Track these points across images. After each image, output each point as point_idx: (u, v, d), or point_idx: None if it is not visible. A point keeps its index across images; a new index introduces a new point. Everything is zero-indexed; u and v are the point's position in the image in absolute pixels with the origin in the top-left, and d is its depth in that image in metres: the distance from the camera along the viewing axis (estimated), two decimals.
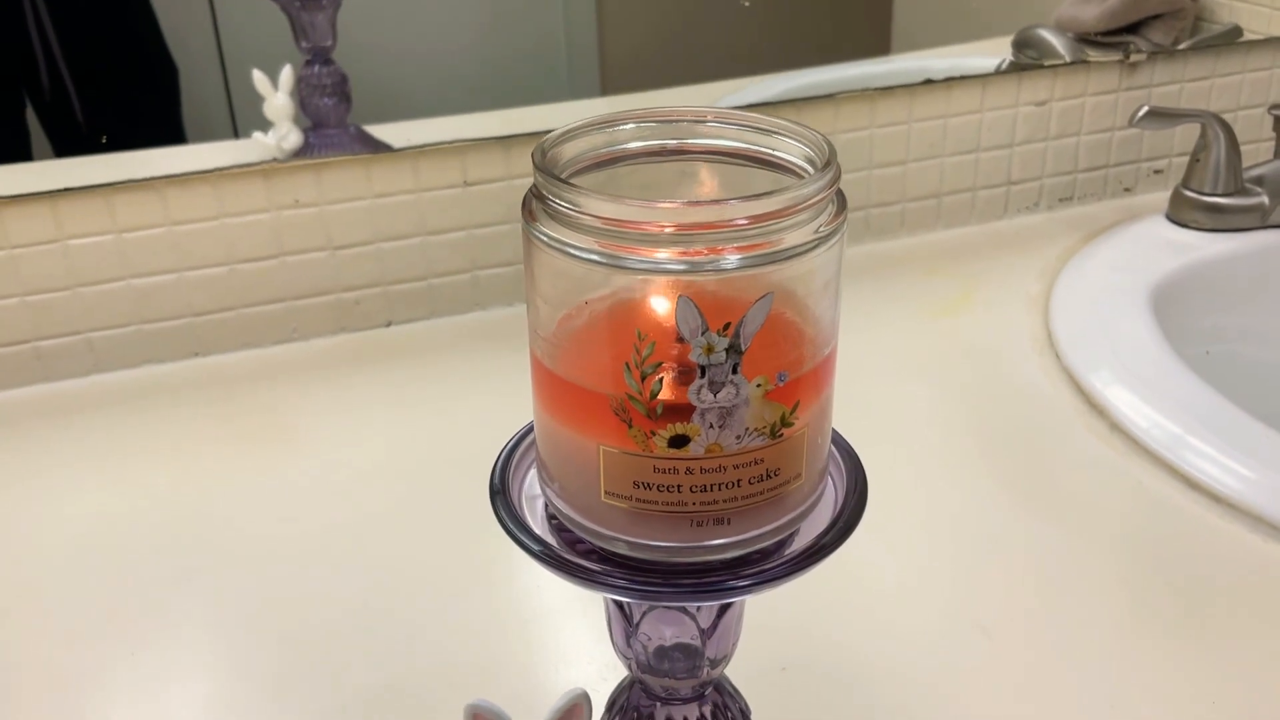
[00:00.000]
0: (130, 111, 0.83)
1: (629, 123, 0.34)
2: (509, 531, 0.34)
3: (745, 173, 0.34)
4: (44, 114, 0.79)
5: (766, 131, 0.33)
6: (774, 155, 0.33)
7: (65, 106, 0.79)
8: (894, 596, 0.58)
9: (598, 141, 0.33)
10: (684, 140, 0.34)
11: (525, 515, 0.35)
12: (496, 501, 0.35)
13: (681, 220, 0.29)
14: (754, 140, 0.33)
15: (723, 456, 0.31)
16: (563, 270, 0.31)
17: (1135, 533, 0.62)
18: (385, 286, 0.81)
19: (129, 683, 0.53)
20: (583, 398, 0.32)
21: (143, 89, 0.83)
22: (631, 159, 0.34)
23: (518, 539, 0.33)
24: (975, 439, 0.70)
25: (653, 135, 0.34)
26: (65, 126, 0.80)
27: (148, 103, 0.84)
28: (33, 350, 0.76)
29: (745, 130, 0.34)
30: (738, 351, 0.30)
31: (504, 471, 0.36)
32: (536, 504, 0.36)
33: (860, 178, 0.90)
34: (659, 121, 0.34)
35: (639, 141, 0.34)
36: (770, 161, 0.33)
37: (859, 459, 0.36)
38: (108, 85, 0.81)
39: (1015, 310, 0.84)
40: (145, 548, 0.62)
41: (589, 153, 0.33)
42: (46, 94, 0.78)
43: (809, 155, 0.32)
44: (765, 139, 0.33)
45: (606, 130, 0.33)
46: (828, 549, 0.34)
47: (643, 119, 0.34)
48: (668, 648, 0.37)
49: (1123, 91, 0.96)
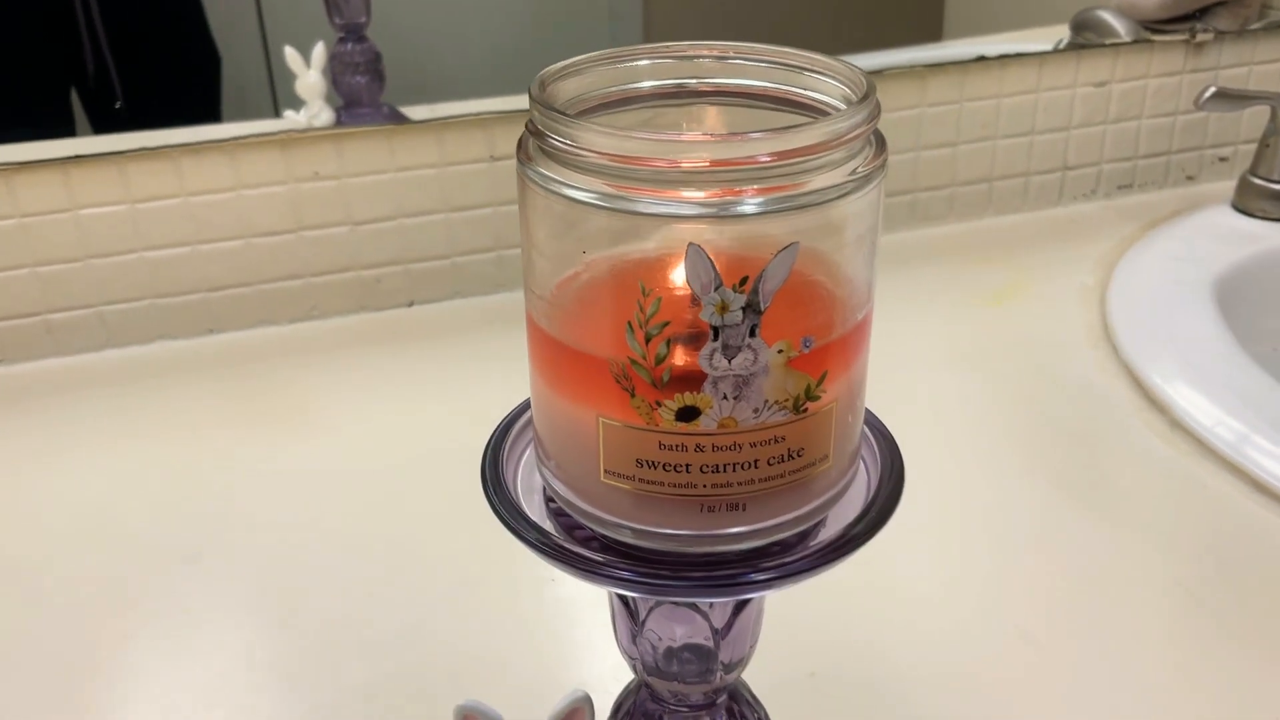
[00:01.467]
0: (171, 98, 0.83)
1: (642, 58, 0.30)
2: (498, 513, 0.30)
3: (774, 117, 0.30)
4: (87, 98, 0.79)
5: (796, 69, 0.29)
6: (806, 96, 0.29)
7: (108, 91, 0.78)
8: (932, 599, 0.54)
9: (605, 78, 0.29)
10: (703, 80, 0.30)
11: (519, 498, 0.31)
12: (487, 482, 0.31)
13: (695, 156, 0.25)
14: (783, 79, 0.30)
15: (738, 433, 0.27)
16: (561, 216, 0.27)
17: (1195, 536, 0.57)
18: (407, 264, 0.78)
19: (127, 661, 0.51)
20: (581, 363, 0.28)
21: (185, 76, 0.83)
22: (643, 100, 0.30)
23: (506, 522, 0.30)
24: (1024, 434, 0.66)
25: (668, 74, 0.30)
26: (108, 111, 0.79)
27: (189, 90, 0.83)
28: (43, 323, 0.73)
29: (773, 68, 0.30)
30: (756, 311, 0.26)
31: (496, 450, 0.32)
32: (537, 487, 0.32)
33: (907, 159, 0.86)
34: (676, 58, 0.30)
35: (652, 80, 0.30)
36: (802, 103, 0.30)
37: (895, 440, 0.32)
38: (150, 71, 0.81)
39: (1069, 301, 0.79)
40: (151, 527, 0.59)
41: (594, 91, 0.29)
42: (91, 79, 0.77)
43: (846, 95, 0.29)
44: (795, 77, 0.29)
45: (616, 65, 0.30)
46: (857, 541, 0.30)
47: (657, 54, 0.30)
48: (677, 648, 0.34)
49: (1187, 73, 0.91)
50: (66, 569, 0.57)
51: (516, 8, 0.91)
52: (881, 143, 0.28)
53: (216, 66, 0.81)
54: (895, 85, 0.83)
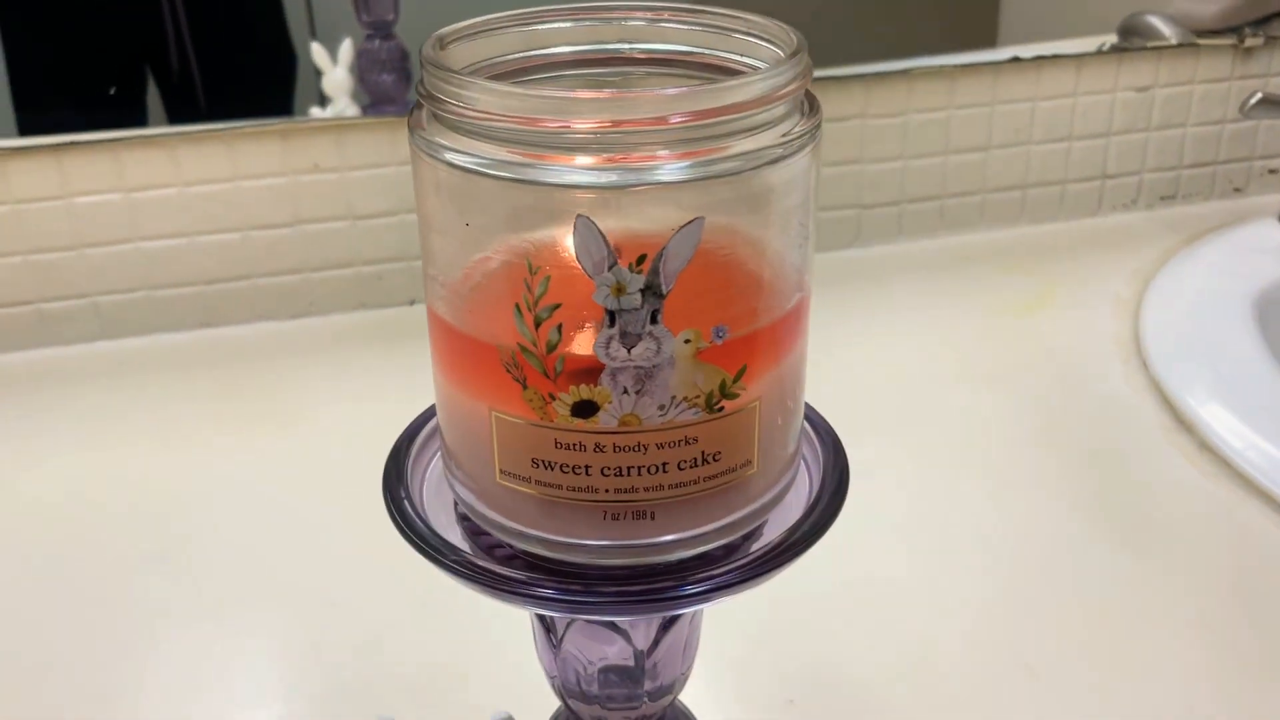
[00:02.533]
0: (248, 94, 0.83)
1: (562, 19, 0.27)
2: (390, 512, 0.27)
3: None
4: (168, 94, 0.79)
5: (724, 31, 0.26)
6: (736, 60, 0.26)
7: (189, 87, 0.79)
8: (930, 625, 0.50)
9: (513, 42, 0.27)
10: (634, 45, 0.28)
11: (423, 505, 0.29)
12: (386, 483, 0.28)
13: (598, 115, 0.22)
14: (710, 44, 0.27)
15: (642, 431, 0.24)
16: (454, 189, 0.24)
17: (1219, 565, 0.53)
18: (409, 261, 0.76)
19: (100, 660, 0.49)
20: (472, 349, 0.25)
21: (263, 73, 0.83)
22: (555, 69, 0.27)
23: (393, 514, 0.27)
24: (1045, 450, 0.62)
25: (592, 38, 0.28)
26: (187, 107, 0.79)
27: (266, 87, 0.84)
28: (36, 312, 0.72)
29: (704, 31, 0.27)
30: (657, 294, 0.23)
31: (400, 456, 0.29)
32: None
33: (935, 164, 0.82)
34: (601, 19, 0.27)
35: (568, 46, 0.27)
36: (732, 69, 0.27)
37: (839, 441, 0.29)
38: (231, 68, 0.81)
39: (1101, 314, 0.75)
40: (136, 522, 0.58)
41: (501, 56, 0.27)
42: (175, 75, 0.78)
43: (778, 57, 0.26)
44: (723, 40, 0.26)
45: (531, 27, 0.27)
46: (789, 554, 0.27)
47: (580, 14, 0.27)
48: (600, 670, 0.31)
49: (1235, 80, 0.86)
50: (50, 562, 0.55)
51: None
52: (815, 106, 0.25)
53: (293, 63, 0.81)
54: (923, 85, 0.80)
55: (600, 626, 0.29)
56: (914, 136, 0.80)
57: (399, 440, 0.30)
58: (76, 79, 0.80)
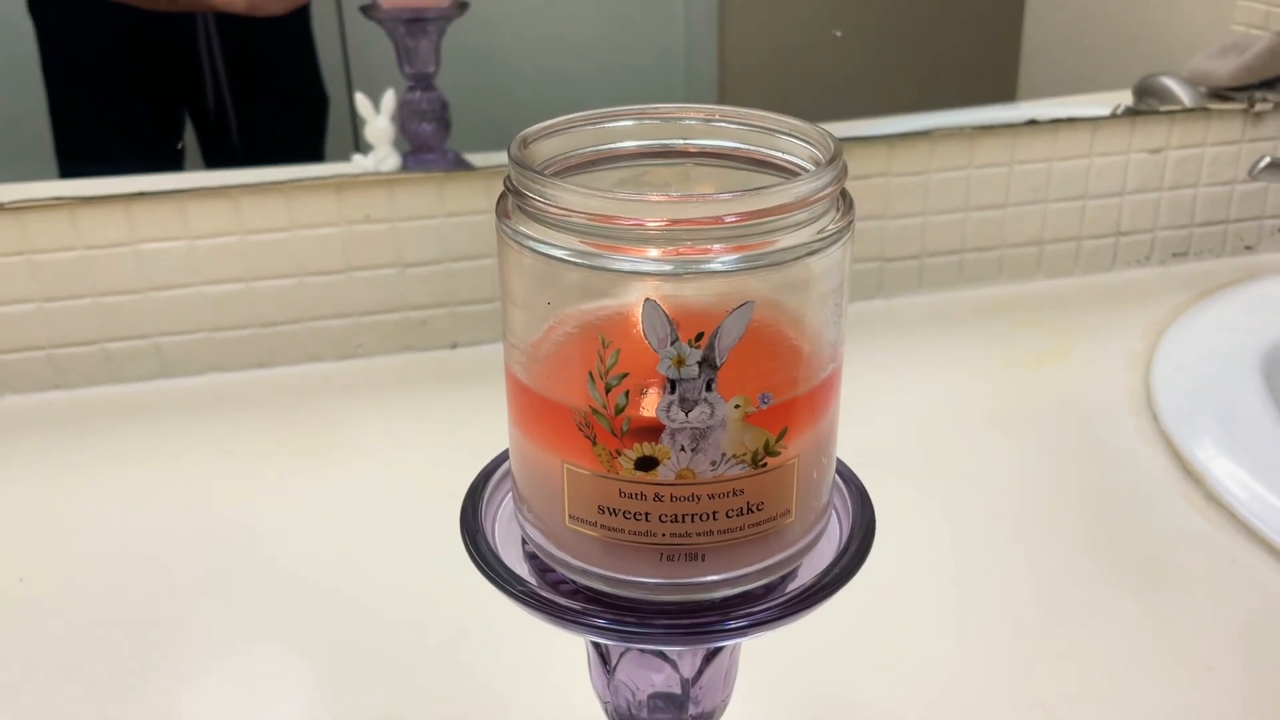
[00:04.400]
0: (281, 136, 0.86)
1: (624, 119, 0.31)
2: (466, 545, 0.31)
3: (749, 177, 0.31)
4: (204, 133, 0.83)
5: (769, 131, 0.30)
6: (780, 158, 0.30)
7: (224, 127, 0.82)
8: (943, 665, 0.53)
9: (586, 138, 0.31)
10: (682, 141, 0.31)
11: (495, 540, 0.32)
12: (465, 517, 0.32)
13: (662, 215, 0.26)
14: (757, 141, 0.31)
15: (696, 484, 0.28)
16: (534, 271, 0.28)
17: (1226, 615, 0.56)
18: (453, 307, 0.80)
19: (154, 687, 0.52)
20: (548, 410, 0.29)
21: (295, 116, 0.87)
22: (622, 160, 0.31)
23: (469, 547, 0.31)
24: (1056, 499, 0.65)
25: (649, 135, 0.31)
26: (221, 147, 0.83)
27: (298, 129, 0.87)
28: (101, 352, 0.76)
29: (750, 130, 0.31)
30: (712, 366, 0.27)
31: (476, 495, 0.33)
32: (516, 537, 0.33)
33: (955, 219, 0.86)
34: (661, 119, 0.31)
35: (633, 141, 0.31)
36: (775, 164, 0.30)
37: (866, 492, 0.33)
38: (265, 110, 0.84)
39: (1114, 367, 0.79)
40: (189, 558, 0.61)
41: (575, 151, 0.31)
42: (212, 114, 0.81)
43: (815, 156, 0.29)
44: (768, 139, 0.30)
45: (597, 126, 0.31)
46: (821, 595, 0.30)
47: (643, 115, 0.31)
48: (649, 696, 0.34)
49: (1246, 143, 0.90)
50: (110, 592, 0.58)
51: (581, 58, 0.92)
52: (849, 203, 0.29)
53: (324, 107, 0.84)
54: (944, 146, 0.84)
55: (651, 656, 0.33)
56: (935, 194, 0.84)
57: (475, 481, 0.34)
58: (118, 121, 0.83)
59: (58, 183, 0.79)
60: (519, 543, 0.33)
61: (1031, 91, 1.00)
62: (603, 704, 0.35)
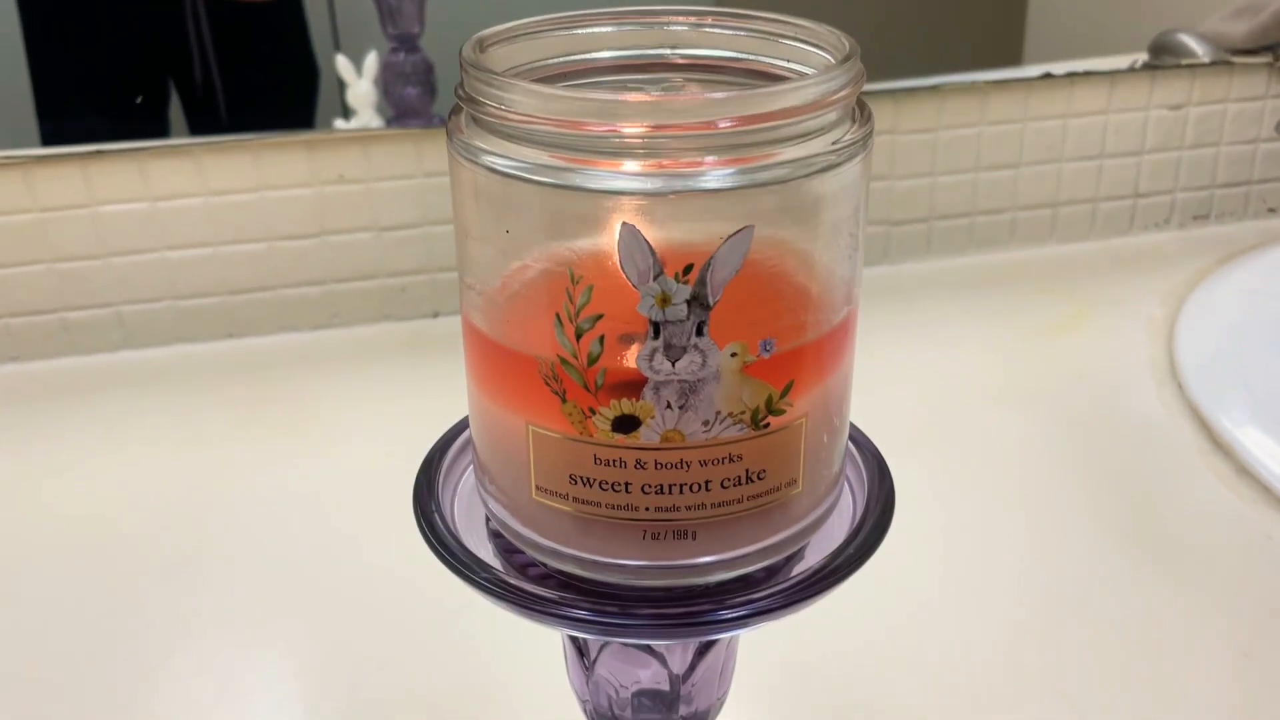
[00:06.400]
0: (270, 108, 0.83)
1: (600, 24, 0.26)
2: (419, 525, 0.27)
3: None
4: (190, 105, 0.80)
5: (772, 37, 0.26)
6: (783, 67, 0.26)
7: (211, 99, 0.79)
8: (961, 649, 0.49)
9: (554, 46, 0.26)
10: (669, 51, 0.27)
11: (454, 520, 0.28)
12: (416, 496, 0.28)
13: (643, 119, 0.22)
14: (757, 49, 0.26)
15: (685, 448, 0.23)
16: (493, 195, 0.24)
17: (1257, 593, 0.52)
18: (433, 274, 0.75)
19: (120, 669, 0.49)
20: (510, 362, 0.24)
21: (285, 88, 0.84)
22: (598, 73, 0.26)
23: (422, 527, 0.26)
24: (1078, 474, 0.61)
25: (634, 42, 0.27)
26: (209, 118, 0.80)
27: (287, 101, 0.84)
28: (59, 321, 0.72)
29: (747, 36, 0.26)
30: (703, 305, 0.22)
31: (431, 468, 0.29)
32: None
33: (965, 180, 0.81)
34: (644, 23, 0.27)
35: (610, 51, 0.26)
36: (779, 76, 0.26)
37: (884, 461, 0.28)
38: (253, 82, 0.82)
39: (1135, 335, 0.74)
40: (157, 532, 0.57)
41: (541, 61, 0.26)
42: (199, 88, 0.78)
43: (828, 64, 0.25)
44: (770, 46, 0.26)
45: (567, 31, 0.26)
46: (833, 578, 0.26)
47: (623, 18, 0.27)
48: (633, 695, 0.30)
49: (1270, 99, 0.85)
50: (71, 570, 0.55)
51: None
52: (867, 114, 0.24)
53: (315, 80, 0.81)
54: (954, 101, 0.79)
55: (635, 649, 0.28)
56: (944, 153, 0.79)
57: (430, 452, 0.29)
58: (100, 89, 0.81)
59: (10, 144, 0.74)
60: (484, 521, 0.29)
61: (1039, 55, 0.96)
62: (581, 703, 0.31)
